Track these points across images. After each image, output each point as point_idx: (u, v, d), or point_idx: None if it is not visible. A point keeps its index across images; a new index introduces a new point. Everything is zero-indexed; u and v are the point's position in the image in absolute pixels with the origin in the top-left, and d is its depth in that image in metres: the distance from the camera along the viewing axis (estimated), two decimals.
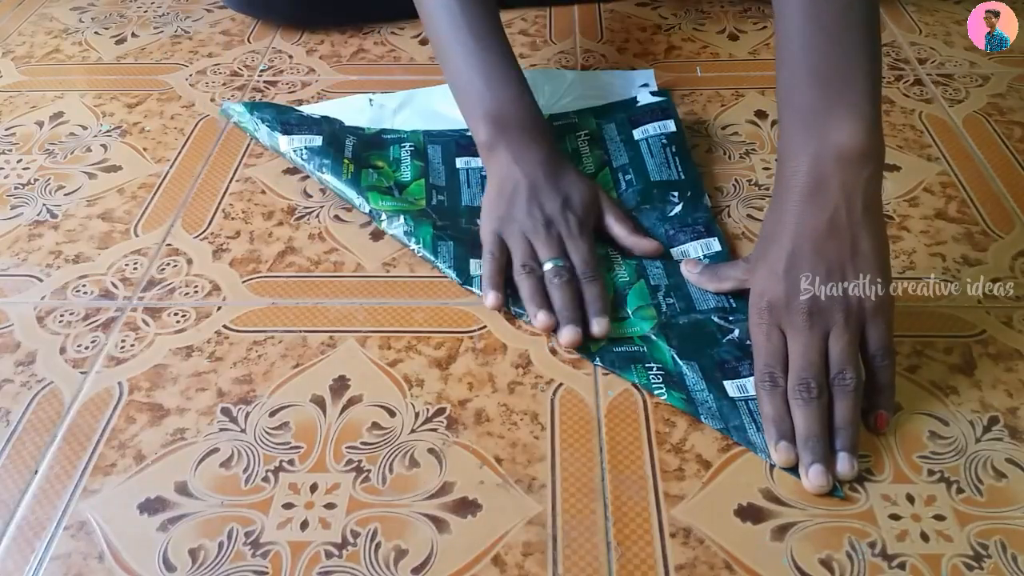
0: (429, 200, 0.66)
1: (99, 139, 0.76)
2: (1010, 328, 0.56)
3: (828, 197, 0.48)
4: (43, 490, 0.48)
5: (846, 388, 0.48)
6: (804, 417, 0.47)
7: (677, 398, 0.51)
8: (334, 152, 0.69)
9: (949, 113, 0.77)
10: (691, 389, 0.52)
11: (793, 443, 0.47)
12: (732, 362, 0.53)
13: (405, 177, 0.69)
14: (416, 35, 0.91)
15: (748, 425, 0.50)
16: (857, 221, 0.48)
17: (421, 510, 0.46)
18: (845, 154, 0.48)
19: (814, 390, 0.47)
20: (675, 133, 0.71)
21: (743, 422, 0.50)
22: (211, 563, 0.44)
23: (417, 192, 0.67)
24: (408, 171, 0.69)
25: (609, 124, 0.73)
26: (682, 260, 0.60)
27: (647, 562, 0.44)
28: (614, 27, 0.93)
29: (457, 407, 0.52)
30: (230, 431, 0.51)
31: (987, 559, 0.43)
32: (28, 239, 0.66)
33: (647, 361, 0.53)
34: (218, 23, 0.95)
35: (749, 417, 0.50)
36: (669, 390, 0.52)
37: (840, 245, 0.49)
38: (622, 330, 0.56)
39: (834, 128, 0.48)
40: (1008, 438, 0.49)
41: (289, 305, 0.59)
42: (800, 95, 0.50)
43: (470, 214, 0.65)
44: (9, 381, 0.54)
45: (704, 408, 0.51)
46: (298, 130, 0.71)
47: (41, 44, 0.92)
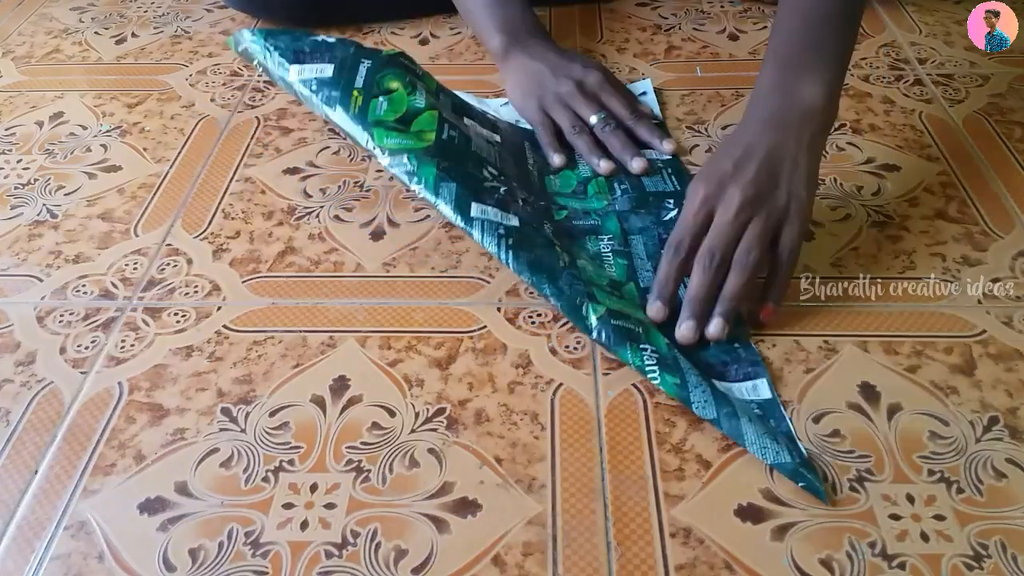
0: (440, 133, 0.63)
1: (99, 139, 0.76)
2: (1010, 328, 0.56)
3: (785, 129, 0.57)
4: (43, 490, 0.48)
5: (745, 265, 0.53)
6: (698, 281, 0.53)
7: (670, 383, 0.51)
8: (344, 82, 0.64)
9: (949, 113, 0.77)
10: (685, 372, 0.51)
11: (667, 305, 0.54)
12: (719, 366, 0.53)
13: (419, 104, 0.64)
14: (416, 35, 0.91)
15: (741, 414, 0.50)
16: (802, 151, 0.57)
17: (421, 510, 0.46)
18: (806, 108, 0.58)
19: (716, 260, 0.53)
20: (673, 159, 0.70)
21: (735, 409, 0.50)
22: (211, 563, 0.44)
23: (428, 123, 0.63)
24: (422, 99, 0.65)
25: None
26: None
27: (647, 562, 0.44)
28: (614, 27, 0.93)
29: (457, 407, 0.52)
30: (230, 431, 0.51)
31: (987, 559, 0.44)
32: (28, 239, 0.66)
33: (642, 342, 0.53)
34: (218, 23, 0.95)
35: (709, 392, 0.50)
36: (663, 373, 0.51)
37: (784, 160, 0.56)
38: (622, 305, 0.55)
39: (805, 85, 0.58)
40: (1008, 438, 0.49)
41: (289, 305, 0.59)
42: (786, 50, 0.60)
43: (477, 161, 0.63)
44: (9, 381, 0.54)
45: (696, 393, 0.50)
46: (310, 58, 0.66)
47: (41, 44, 0.92)
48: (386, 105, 0.63)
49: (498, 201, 0.59)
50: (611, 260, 0.60)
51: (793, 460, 0.47)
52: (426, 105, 0.64)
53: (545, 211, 0.64)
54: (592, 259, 0.60)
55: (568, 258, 0.57)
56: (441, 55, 0.88)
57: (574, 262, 0.57)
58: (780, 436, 0.49)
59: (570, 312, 0.54)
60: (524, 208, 0.61)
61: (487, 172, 0.63)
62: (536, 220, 0.61)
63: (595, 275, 0.58)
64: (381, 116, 0.62)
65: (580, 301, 0.54)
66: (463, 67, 0.86)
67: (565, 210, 0.65)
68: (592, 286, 0.56)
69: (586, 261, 0.59)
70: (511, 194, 0.62)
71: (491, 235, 0.57)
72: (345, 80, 0.64)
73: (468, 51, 0.88)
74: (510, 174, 0.65)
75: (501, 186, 0.62)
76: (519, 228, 0.58)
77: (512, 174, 0.66)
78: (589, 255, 0.61)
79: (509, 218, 0.58)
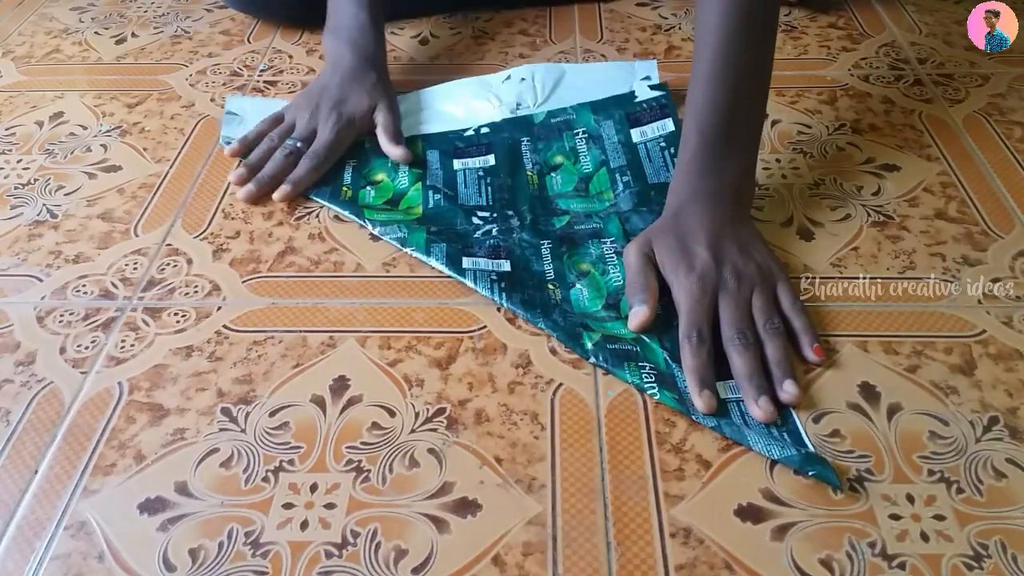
0: (426, 204, 0.67)
1: (99, 139, 0.76)
2: (1010, 328, 0.56)
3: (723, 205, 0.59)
4: (43, 490, 0.48)
5: (776, 330, 0.54)
6: (744, 360, 0.52)
7: (669, 397, 0.51)
8: (333, 182, 0.70)
9: (949, 113, 0.77)
10: (683, 390, 0.52)
11: (715, 391, 0.51)
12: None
13: (403, 185, 0.69)
14: (416, 35, 0.91)
15: (739, 423, 0.50)
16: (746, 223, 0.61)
17: (421, 510, 0.46)
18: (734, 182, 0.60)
19: (749, 338, 0.53)
20: (673, 133, 0.71)
21: (732, 418, 0.50)
22: (211, 563, 0.44)
23: (414, 199, 0.68)
24: (406, 178, 0.70)
25: (607, 121, 0.73)
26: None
27: (647, 562, 0.44)
28: (614, 27, 0.93)
29: (457, 407, 0.52)
30: (230, 431, 0.51)
31: (987, 559, 0.44)
32: (28, 239, 0.66)
33: (640, 360, 0.54)
34: (218, 23, 0.95)
35: (739, 415, 0.50)
36: (661, 390, 0.52)
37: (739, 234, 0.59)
38: (616, 330, 0.56)
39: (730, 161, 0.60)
40: (1008, 438, 0.49)
41: (289, 305, 0.59)
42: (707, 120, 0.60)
43: (465, 213, 0.66)
44: (9, 381, 0.54)
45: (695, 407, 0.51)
46: None
47: (41, 44, 0.92)
48: (374, 193, 0.69)
49: (489, 249, 0.62)
50: (615, 262, 0.61)
51: (800, 453, 0.48)
52: (410, 183, 0.69)
53: (545, 223, 0.65)
54: (595, 263, 0.61)
55: (561, 294, 0.59)
56: (441, 55, 0.88)
57: (567, 296, 0.59)
58: (787, 434, 0.49)
59: (567, 340, 0.55)
60: (520, 236, 0.63)
61: (476, 219, 0.65)
62: (533, 247, 0.62)
63: (590, 301, 0.59)
64: (370, 203, 0.67)
65: (575, 331, 0.56)
66: (463, 67, 0.86)
67: (567, 215, 0.65)
68: (586, 317, 0.57)
69: (581, 287, 0.60)
70: (504, 231, 0.64)
71: (484, 281, 0.59)
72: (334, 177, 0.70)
73: (468, 51, 0.88)
74: (503, 201, 0.67)
75: (493, 226, 0.65)
76: (510, 273, 0.60)
77: (506, 199, 0.68)
78: (592, 260, 0.61)
79: (500, 264, 0.61)
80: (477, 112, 0.76)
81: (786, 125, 0.76)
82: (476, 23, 0.94)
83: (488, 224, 0.65)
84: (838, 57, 0.86)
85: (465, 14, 0.95)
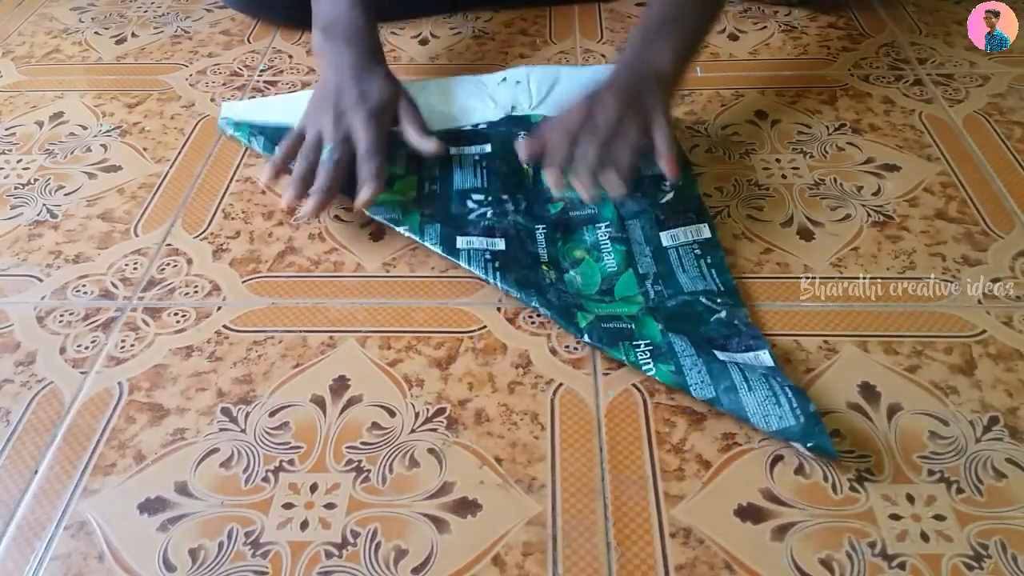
0: (420, 190, 0.67)
1: (99, 139, 0.76)
2: (1010, 328, 0.56)
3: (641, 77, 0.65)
4: (43, 490, 0.48)
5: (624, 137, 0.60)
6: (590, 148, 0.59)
7: (665, 371, 0.51)
8: None
9: (949, 113, 0.77)
10: (679, 355, 0.52)
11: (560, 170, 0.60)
12: (719, 339, 0.54)
13: (399, 170, 0.69)
14: (416, 35, 0.91)
15: (740, 385, 0.49)
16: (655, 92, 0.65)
17: (421, 510, 0.46)
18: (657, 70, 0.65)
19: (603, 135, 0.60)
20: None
21: (734, 382, 0.50)
22: (211, 563, 0.44)
23: (407, 187, 0.68)
24: (402, 166, 0.69)
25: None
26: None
27: (647, 562, 0.44)
28: (614, 27, 0.93)
29: (457, 407, 0.52)
30: (230, 431, 0.51)
31: (987, 559, 0.44)
32: (28, 239, 0.66)
33: (634, 338, 0.54)
34: (218, 23, 0.95)
35: (741, 376, 0.50)
36: (657, 363, 0.52)
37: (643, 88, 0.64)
38: (611, 309, 0.56)
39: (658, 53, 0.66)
40: (1008, 438, 0.49)
41: (289, 305, 0.59)
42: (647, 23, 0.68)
43: (460, 198, 0.66)
44: (9, 381, 0.54)
45: (692, 375, 0.50)
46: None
47: (41, 44, 0.92)
48: None
49: (484, 230, 0.62)
50: (609, 248, 0.61)
51: (798, 421, 0.47)
52: (404, 171, 0.69)
53: (540, 208, 0.65)
54: (589, 250, 0.61)
55: (555, 275, 0.59)
56: (441, 55, 0.88)
57: (561, 278, 0.59)
58: (787, 388, 0.49)
59: (561, 319, 0.56)
60: (514, 219, 0.63)
61: (471, 203, 0.65)
62: (527, 230, 0.62)
63: (584, 286, 0.59)
64: None
65: (569, 310, 0.56)
66: (463, 67, 0.86)
67: (561, 201, 0.65)
68: (580, 297, 0.57)
69: (575, 273, 0.60)
70: (498, 213, 0.64)
71: (478, 261, 0.59)
72: None
73: (468, 51, 0.88)
74: (499, 185, 0.67)
75: (488, 209, 0.65)
76: (505, 252, 0.60)
77: (502, 183, 0.67)
78: (587, 246, 0.62)
79: (495, 243, 0.61)
80: (473, 112, 0.76)
81: (786, 125, 0.76)
82: (476, 23, 0.94)
83: (483, 207, 0.65)
84: (838, 57, 0.86)
85: (465, 14, 0.95)
